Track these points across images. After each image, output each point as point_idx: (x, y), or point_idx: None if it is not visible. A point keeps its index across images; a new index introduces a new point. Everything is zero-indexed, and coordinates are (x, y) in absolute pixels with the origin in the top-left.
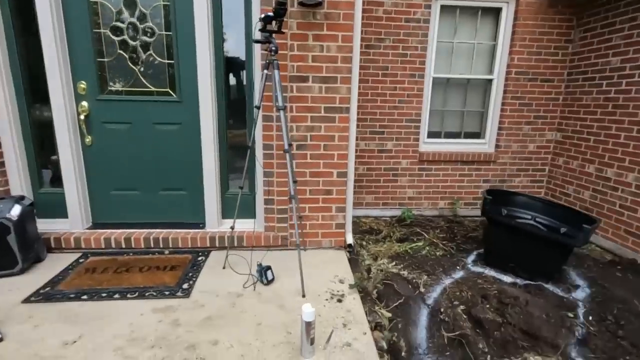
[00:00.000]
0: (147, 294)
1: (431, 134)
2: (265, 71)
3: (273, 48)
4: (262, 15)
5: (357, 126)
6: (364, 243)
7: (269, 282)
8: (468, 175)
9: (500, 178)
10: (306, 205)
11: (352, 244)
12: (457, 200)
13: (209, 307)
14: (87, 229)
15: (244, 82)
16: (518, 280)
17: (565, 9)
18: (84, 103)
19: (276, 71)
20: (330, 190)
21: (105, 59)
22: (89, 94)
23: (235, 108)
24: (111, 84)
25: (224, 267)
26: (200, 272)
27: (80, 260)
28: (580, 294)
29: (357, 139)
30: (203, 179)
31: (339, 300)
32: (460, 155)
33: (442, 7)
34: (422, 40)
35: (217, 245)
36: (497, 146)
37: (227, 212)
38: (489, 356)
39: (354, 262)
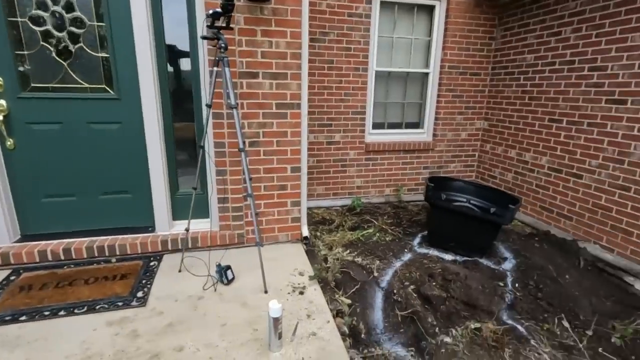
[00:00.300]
0: (97, 307)
1: (376, 125)
2: (215, 68)
3: (222, 45)
4: (210, 12)
5: None
6: (319, 234)
7: (230, 281)
8: (410, 163)
9: (438, 164)
10: (261, 201)
11: (308, 236)
12: (401, 186)
13: (169, 313)
14: (16, 242)
15: (190, 78)
16: (458, 258)
17: (489, 9)
18: (2, 102)
19: (227, 69)
20: (285, 185)
21: (25, 52)
22: (7, 91)
23: (182, 105)
24: (35, 80)
25: (180, 271)
26: (155, 278)
27: (12, 278)
28: (508, 265)
29: None
30: (150, 180)
31: (301, 293)
32: (403, 145)
33: (382, 2)
34: (364, 35)
35: (169, 248)
36: (434, 135)
37: (178, 213)
38: (437, 328)
39: (311, 254)
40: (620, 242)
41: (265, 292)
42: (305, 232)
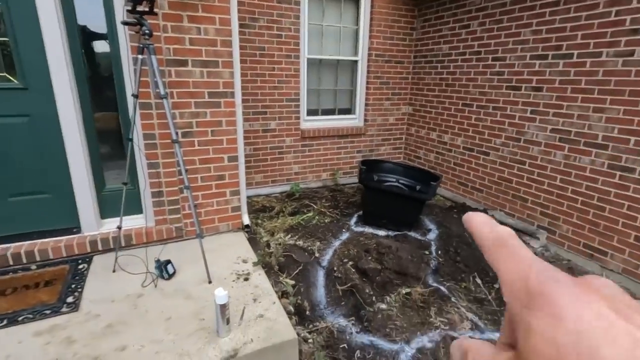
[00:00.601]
0: (20, 318)
1: (310, 112)
2: (140, 56)
3: (147, 31)
4: None
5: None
6: (260, 221)
7: (171, 275)
8: (344, 148)
9: (370, 148)
10: (199, 192)
11: (249, 224)
12: (337, 170)
13: (106, 315)
14: None
15: (111, 65)
16: (390, 233)
17: (409, 0)
18: None
19: (153, 57)
20: (223, 175)
21: None
22: None
23: (104, 94)
24: None
25: (114, 271)
26: (86, 281)
27: None
28: (432, 235)
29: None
30: (71, 177)
31: (246, 279)
32: (336, 130)
33: None
34: (294, 22)
35: (100, 248)
36: (365, 120)
37: (106, 211)
38: (374, 297)
39: (253, 241)
40: (519, 208)
41: (210, 282)
42: (246, 220)
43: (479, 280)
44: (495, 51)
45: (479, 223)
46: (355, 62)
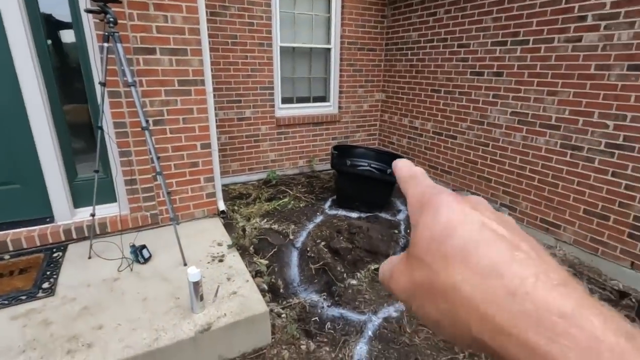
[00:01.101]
0: None
1: (285, 100)
2: (106, 44)
3: (111, 19)
4: None
5: (214, 96)
6: (236, 208)
7: (147, 260)
8: (320, 135)
9: (345, 135)
10: (173, 180)
11: (225, 210)
12: (313, 157)
13: (82, 298)
14: None
15: (78, 54)
16: (361, 215)
17: None
18: None
19: (119, 44)
20: (196, 162)
21: None
22: None
23: (72, 83)
24: None
25: (89, 257)
26: (61, 268)
27: None
28: (402, 215)
29: (215, 109)
30: (42, 168)
31: (220, 260)
32: (312, 118)
33: None
34: (266, 10)
35: (74, 237)
36: (339, 107)
37: (79, 200)
38: (345, 274)
39: (229, 226)
40: (484, 188)
41: (185, 264)
42: (222, 206)
43: None
44: (460, 38)
45: (401, 166)
46: (328, 50)
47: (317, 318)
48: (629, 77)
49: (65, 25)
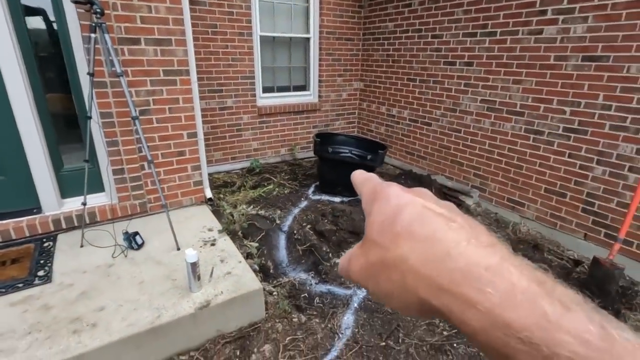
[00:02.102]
0: None
1: (266, 89)
2: (93, 35)
3: (98, 10)
4: None
5: None
6: (222, 196)
7: (140, 246)
8: (301, 124)
9: (325, 123)
10: (161, 169)
11: (212, 198)
12: (295, 145)
13: (80, 283)
14: None
15: (61, 44)
16: (344, 199)
17: None
18: None
19: (107, 35)
20: (183, 151)
21: None
22: None
23: (55, 74)
24: None
25: (82, 246)
26: (54, 257)
27: None
28: None
29: None
30: (27, 159)
31: (212, 244)
32: (292, 107)
33: None
34: None
35: (64, 227)
36: (319, 96)
37: (67, 190)
38: (330, 254)
39: (217, 213)
40: (457, 171)
41: (178, 249)
42: (209, 194)
43: None
44: (433, 29)
45: (357, 175)
46: (308, 39)
47: (306, 294)
48: (583, 67)
49: (46, 15)
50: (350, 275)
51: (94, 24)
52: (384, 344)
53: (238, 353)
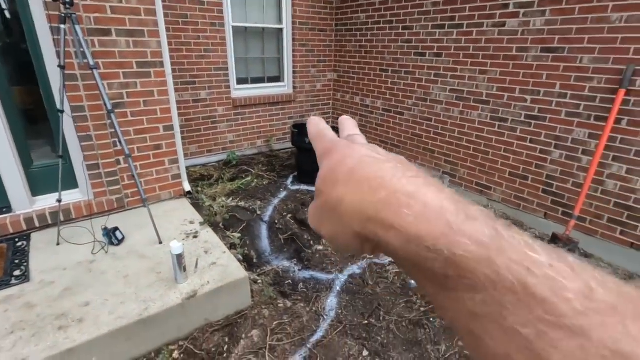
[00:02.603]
0: None
1: (240, 81)
2: (63, 26)
3: (67, 0)
4: None
5: None
6: (200, 189)
7: (120, 241)
8: (276, 115)
9: (300, 114)
10: (138, 163)
11: (191, 191)
12: (271, 137)
13: (61, 281)
14: None
15: (25, 35)
16: None
17: None
18: None
19: (77, 26)
20: (160, 144)
21: None
22: None
23: (21, 67)
24: None
25: (58, 244)
26: (30, 256)
27: None
28: None
29: None
30: None
31: (195, 237)
32: (267, 98)
33: None
34: None
35: (37, 225)
36: (294, 87)
37: (37, 188)
38: (312, 241)
39: (196, 206)
40: (428, 159)
41: (160, 242)
42: (188, 187)
43: None
44: (404, 20)
45: (310, 126)
46: (281, 30)
47: (290, 281)
48: (542, 58)
49: (9, 5)
50: (312, 225)
51: (63, 15)
52: (366, 322)
53: (227, 340)
